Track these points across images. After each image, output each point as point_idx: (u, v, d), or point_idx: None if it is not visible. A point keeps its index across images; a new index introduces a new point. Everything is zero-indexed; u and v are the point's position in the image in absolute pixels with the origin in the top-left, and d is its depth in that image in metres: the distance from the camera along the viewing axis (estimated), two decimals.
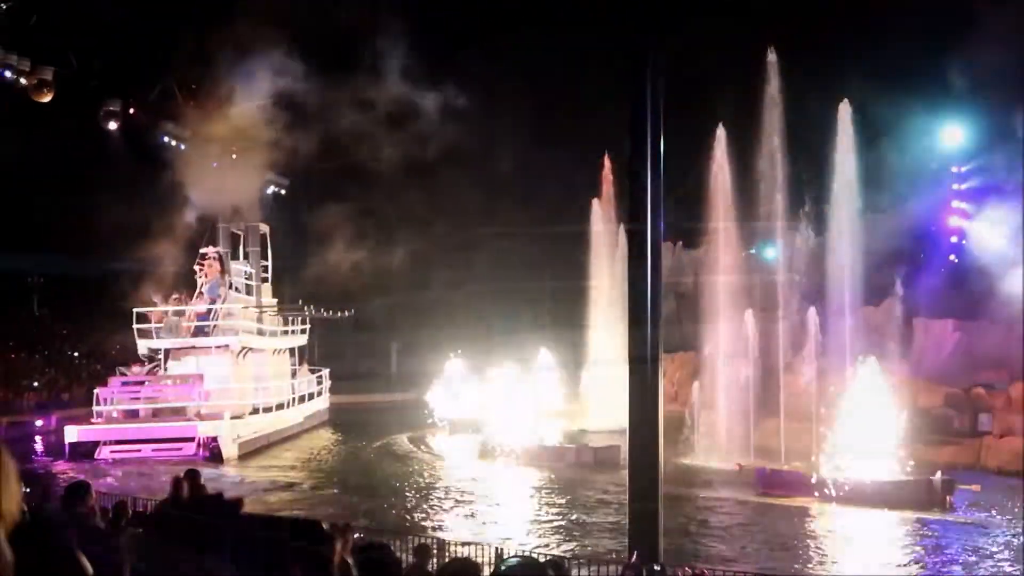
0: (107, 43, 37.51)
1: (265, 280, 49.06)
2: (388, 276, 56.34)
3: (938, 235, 53.59)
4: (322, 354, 57.96)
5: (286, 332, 50.12)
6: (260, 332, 46.29)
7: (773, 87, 36.52)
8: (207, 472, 33.03)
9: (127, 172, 44.88)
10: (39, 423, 43.50)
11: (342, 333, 61.95)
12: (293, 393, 47.25)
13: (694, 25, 45.45)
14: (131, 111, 39.07)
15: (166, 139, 42.40)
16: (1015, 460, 33.74)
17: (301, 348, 52.80)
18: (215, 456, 37.44)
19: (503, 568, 4.01)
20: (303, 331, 52.34)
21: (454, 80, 48.49)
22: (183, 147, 42.91)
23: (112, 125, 38.14)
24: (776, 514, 27.53)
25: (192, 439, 37.98)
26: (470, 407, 45.15)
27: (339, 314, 52.45)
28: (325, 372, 53.46)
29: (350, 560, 8.08)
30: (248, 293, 46.82)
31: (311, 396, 50.03)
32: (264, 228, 48.73)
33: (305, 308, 51.03)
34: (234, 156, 44.28)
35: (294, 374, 49.96)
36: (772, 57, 36.67)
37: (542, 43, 56.45)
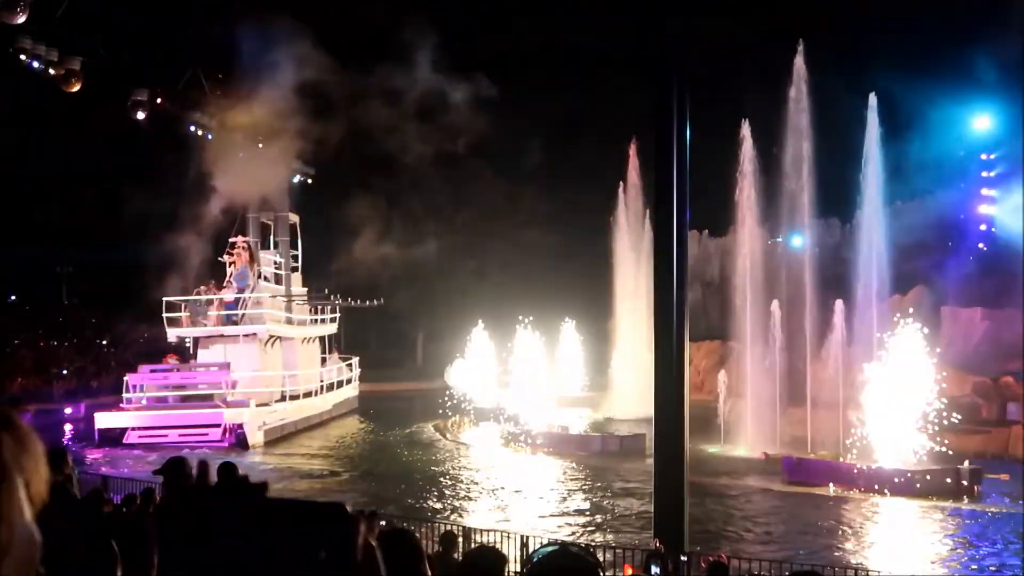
0: (135, 32, 37.57)
1: (295, 269, 49.11)
2: (414, 266, 56.37)
3: (967, 223, 53.12)
4: (352, 343, 58.15)
5: (315, 321, 50.24)
6: (289, 321, 46.52)
7: (800, 78, 36.27)
8: (232, 459, 33.22)
9: (155, 162, 45.09)
10: (68, 411, 43.79)
11: (370, 322, 62.13)
12: (322, 381, 47.48)
13: (723, 15, 45.31)
14: (158, 100, 39.10)
15: (193, 128, 42.46)
16: None
17: (332, 336, 52.91)
18: (241, 443, 37.86)
19: (537, 558, 3.88)
20: (333, 320, 52.52)
21: (477, 68, 48.54)
22: (210, 136, 43.02)
23: (140, 115, 38.19)
24: (802, 503, 27.45)
25: (218, 426, 38.37)
26: (492, 387, 45.16)
27: (368, 303, 52.54)
28: (355, 360, 53.65)
29: (375, 543, 8.08)
30: (277, 282, 47.04)
31: (340, 384, 50.20)
32: (294, 218, 48.93)
33: (332, 297, 51.20)
34: (260, 145, 44.39)
35: (324, 362, 50.15)
36: (800, 48, 36.44)
37: (564, 32, 56.47)
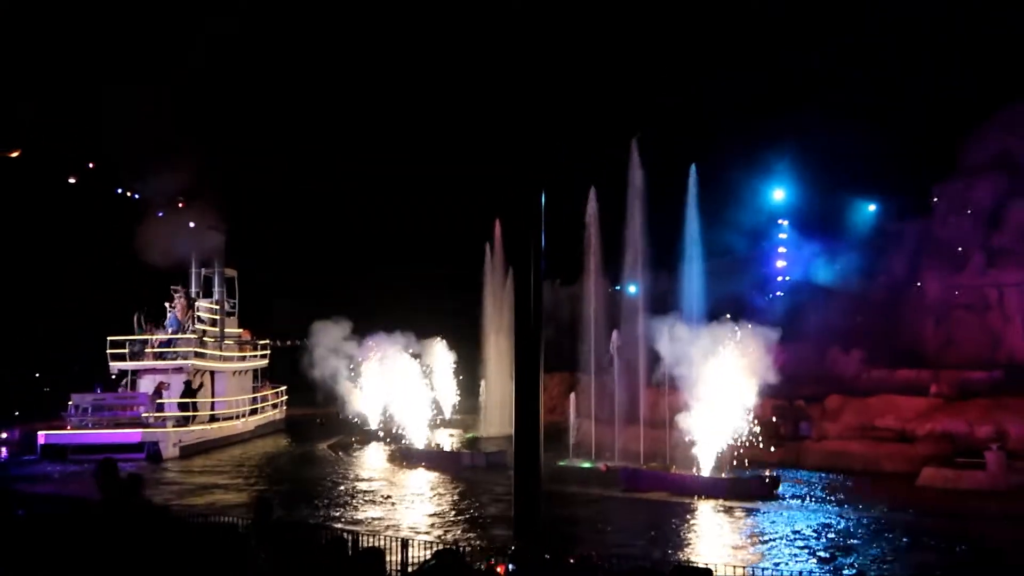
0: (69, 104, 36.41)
1: (230, 315, 50.42)
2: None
3: (768, 273, 56.49)
4: (284, 374, 57.39)
5: (245, 357, 50.98)
6: (222, 358, 47.41)
7: (635, 156, 37.19)
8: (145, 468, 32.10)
9: (88, 221, 44.17)
10: (4, 435, 42.12)
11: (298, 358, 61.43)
12: (245, 407, 48.38)
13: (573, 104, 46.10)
14: (90, 165, 38.17)
15: (120, 191, 41.74)
16: (828, 459, 34.82)
17: (264, 369, 53.65)
18: (155, 456, 38.45)
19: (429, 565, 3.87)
20: (264, 356, 53.49)
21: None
22: (137, 197, 42.36)
23: (71, 180, 37.26)
24: (637, 507, 27.79)
25: (139, 443, 38.91)
26: (380, 412, 45.79)
27: (292, 343, 53.06)
28: (282, 388, 54.43)
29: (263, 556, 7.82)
30: (213, 326, 47.93)
31: (263, 408, 50.99)
32: (231, 272, 50.39)
33: (254, 337, 51.64)
34: (180, 206, 44.32)
35: (256, 391, 51.17)
36: (634, 142, 37.39)
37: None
